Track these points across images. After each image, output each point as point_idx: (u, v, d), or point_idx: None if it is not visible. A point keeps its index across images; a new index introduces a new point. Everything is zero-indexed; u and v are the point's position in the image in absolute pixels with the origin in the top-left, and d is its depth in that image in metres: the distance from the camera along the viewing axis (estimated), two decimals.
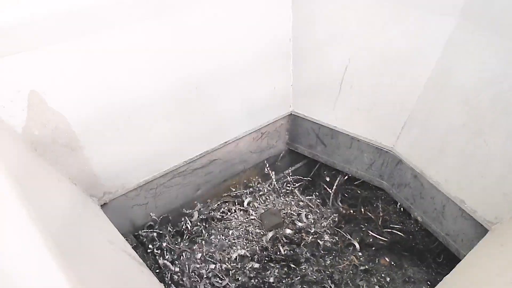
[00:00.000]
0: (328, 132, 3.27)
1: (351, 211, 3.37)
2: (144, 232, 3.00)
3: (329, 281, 2.76)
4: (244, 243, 3.01)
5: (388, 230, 3.16)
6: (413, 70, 2.47)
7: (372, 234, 3.14)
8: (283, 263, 2.89)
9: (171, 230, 3.10)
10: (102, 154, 2.42)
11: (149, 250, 2.88)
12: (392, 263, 3.05)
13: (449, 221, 2.54)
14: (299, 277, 2.78)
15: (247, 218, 3.24)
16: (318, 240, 3.06)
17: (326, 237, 3.10)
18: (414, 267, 3.03)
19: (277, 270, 2.83)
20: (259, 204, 3.38)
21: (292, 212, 3.30)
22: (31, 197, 1.31)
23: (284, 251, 2.95)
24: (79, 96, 2.13)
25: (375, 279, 2.88)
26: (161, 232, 3.02)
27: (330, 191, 3.50)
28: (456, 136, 2.33)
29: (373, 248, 3.12)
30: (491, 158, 2.16)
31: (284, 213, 3.27)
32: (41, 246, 0.99)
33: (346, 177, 3.49)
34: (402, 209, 3.10)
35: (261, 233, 3.10)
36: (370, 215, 3.29)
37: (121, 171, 2.60)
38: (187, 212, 3.22)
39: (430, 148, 2.54)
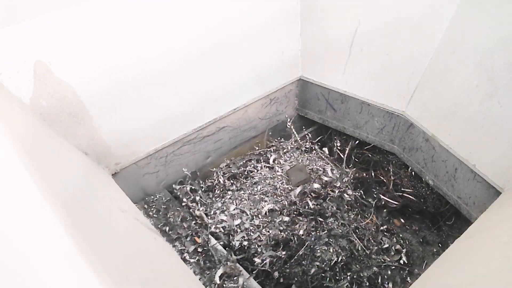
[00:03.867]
0: (338, 96, 3.23)
1: (363, 175, 3.37)
2: (178, 186, 3.12)
3: (354, 235, 2.83)
4: (273, 198, 3.09)
5: (400, 193, 3.16)
6: (425, 31, 2.40)
7: (384, 198, 3.15)
8: (311, 217, 2.95)
9: (202, 186, 3.22)
10: (111, 123, 2.42)
11: (183, 203, 2.99)
12: (406, 226, 3.08)
13: (461, 184, 2.52)
14: (326, 231, 2.84)
15: (273, 174, 3.31)
16: (344, 194, 3.14)
17: (350, 192, 3.17)
18: (425, 230, 3.04)
19: (305, 224, 2.90)
20: (284, 161, 3.46)
21: (318, 167, 3.35)
22: (41, 168, 1.31)
23: (312, 205, 3.01)
24: (85, 65, 2.11)
25: (394, 239, 2.92)
26: (193, 187, 3.14)
27: (342, 156, 3.49)
28: (469, 98, 2.28)
29: (385, 211, 3.14)
30: (505, 120, 2.11)
31: (309, 168, 3.31)
32: (51, 215, 1.00)
33: (357, 142, 3.46)
34: (413, 173, 3.08)
35: (289, 188, 3.16)
36: (382, 178, 3.29)
37: (131, 140, 2.61)
38: (213, 170, 3.35)
39: (442, 111, 2.49)
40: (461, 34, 2.20)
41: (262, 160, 3.49)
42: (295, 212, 2.98)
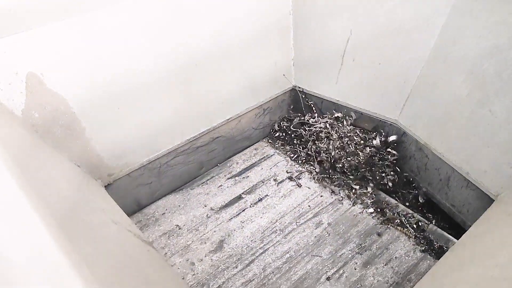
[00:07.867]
0: (331, 106, 3.24)
1: None
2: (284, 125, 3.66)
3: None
4: (352, 148, 3.09)
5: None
6: (416, 41, 2.42)
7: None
8: (389, 164, 3.01)
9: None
10: (104, 134, 2.41)
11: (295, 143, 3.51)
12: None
13: (455, 191, 2.53)
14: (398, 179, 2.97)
15: (344, 129, 3.24)
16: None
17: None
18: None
19: (386, 173, 2.99)
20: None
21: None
22: (32, 180, 1.30)
23: (394, 154, 3.02)
24: (78, 76, 2.11)
25: None
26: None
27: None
28: (461, 107, 2.29)
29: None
30: (496, 128, 2.13)
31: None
32: (42, 228, 0.99)
33: None
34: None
35: (366, 137, 3.09)
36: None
37: (124, 151, 2.60)
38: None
39: (434, 120, 2.51)
40: (452, 43, 2.22)
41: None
42: (377, 160, 3.00)
